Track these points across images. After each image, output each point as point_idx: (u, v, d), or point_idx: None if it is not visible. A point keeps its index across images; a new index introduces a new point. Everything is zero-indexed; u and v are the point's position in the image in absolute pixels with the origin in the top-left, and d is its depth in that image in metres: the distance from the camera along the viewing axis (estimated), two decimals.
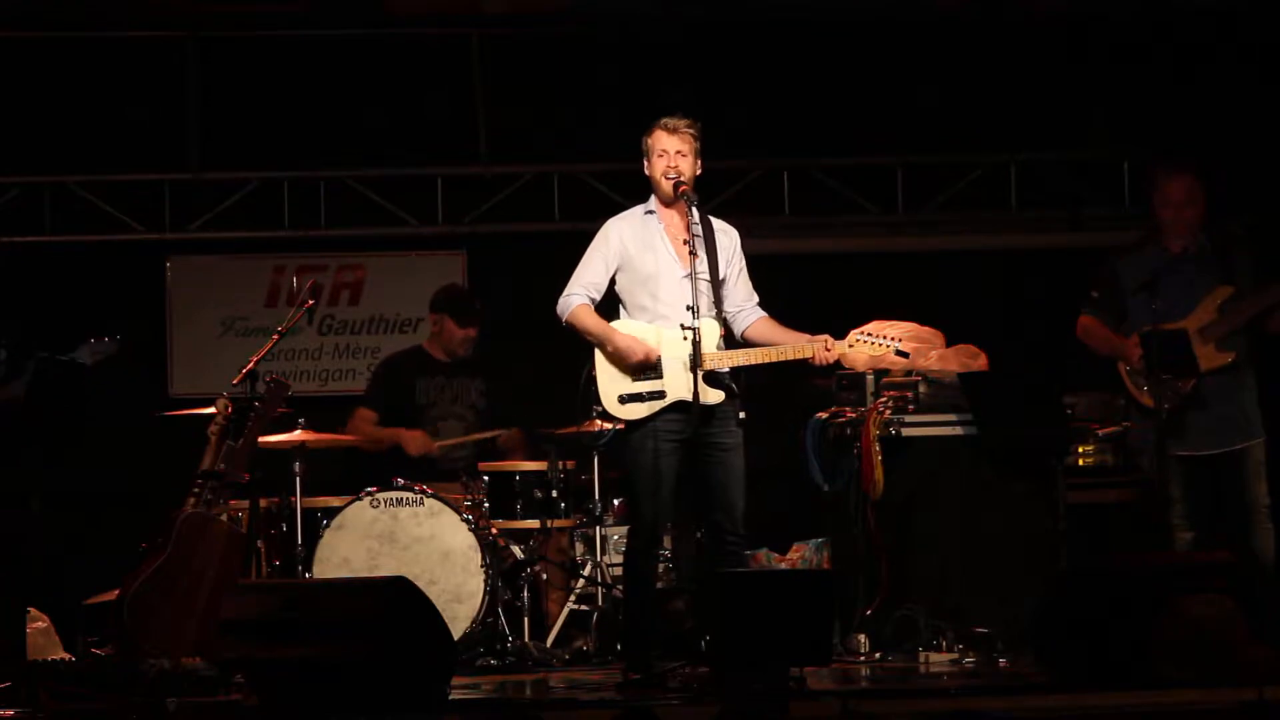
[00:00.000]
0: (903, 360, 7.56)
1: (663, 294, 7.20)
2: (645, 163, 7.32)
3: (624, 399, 7.16)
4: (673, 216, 7.29)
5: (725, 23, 10.11)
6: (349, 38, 10.13)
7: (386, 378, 9.12)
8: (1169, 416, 7.60)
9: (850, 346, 7.24)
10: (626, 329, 7.21)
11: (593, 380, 7.20)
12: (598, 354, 7.23)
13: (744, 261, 7.42)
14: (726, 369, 7.19)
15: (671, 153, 7.22)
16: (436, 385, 9.02)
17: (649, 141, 7.28)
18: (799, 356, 7.24)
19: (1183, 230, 7.78)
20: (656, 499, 7.13)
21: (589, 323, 7.22)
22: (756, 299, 7.43)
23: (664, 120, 7.27)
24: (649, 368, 7.14)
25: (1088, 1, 10.12)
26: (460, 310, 9.04)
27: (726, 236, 7.35)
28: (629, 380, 7.16)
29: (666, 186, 7.22)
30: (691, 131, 7.24)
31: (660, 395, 7.13)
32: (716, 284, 7.18)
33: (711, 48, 10.12)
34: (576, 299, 7.24)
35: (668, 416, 7.13)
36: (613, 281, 7.32)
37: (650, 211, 7.31)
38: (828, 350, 7.19)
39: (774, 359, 7.24)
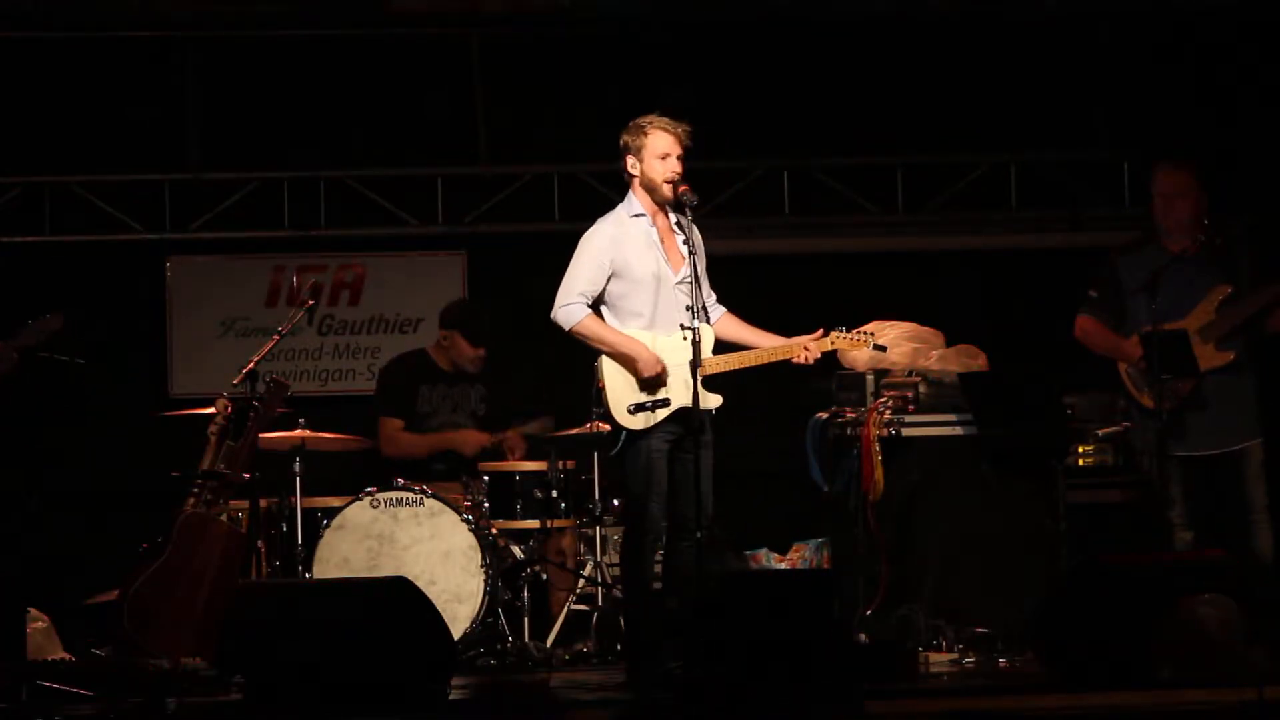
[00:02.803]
0: (881, 355, 7.60)
1: (660, 300, 7.16)
2: (631, 161, 7.21)
3: (632, 409, 7.13)
4: (660, 218, 7.24)
5: (725, 23, 10.11)
6: (349, 38, 10.12)
7: (397, 382, 9.09)
8: (1169, 416, 7.59)
9: (832, 344, 7.26)
10: (654, 342, 7.17)
11: (601, 389, 7.18)
12: (606, 362, 7.17)
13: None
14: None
15: (674, 156, 7.17)
16: (439, 393, 9.00)
17: (643, 140, 7.16)
18: (783, 357, 7.25)
19: (1178, 225, 7.76)
20: (661, 501, 7.14)
21: (605, 333, 7.15)
22: (714, 295, 7.40)
23: (662, 120, 7.17)
24: (657, 379, 7.13)
25: (1088, 1, 10.11)
26: (473, 330, 8.97)
27: (694, 232, 7.23)
28: (636, 390, 7.15)
29: (667, 190, 7.15)
30: (689, 132, 7.19)
31: (665, 404, 7.13)
32: (698, 287, 7.11)
33: (711, 48, 10.12)
34: (579, 308, 7.15)
35: (668, 422, 7.14)
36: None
37: (639, 214, 7.23)
38: (806, 350, 7.21)
39: (762, 361, 7.25)
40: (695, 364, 6.98)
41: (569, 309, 7.16)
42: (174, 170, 10.15)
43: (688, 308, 7.04)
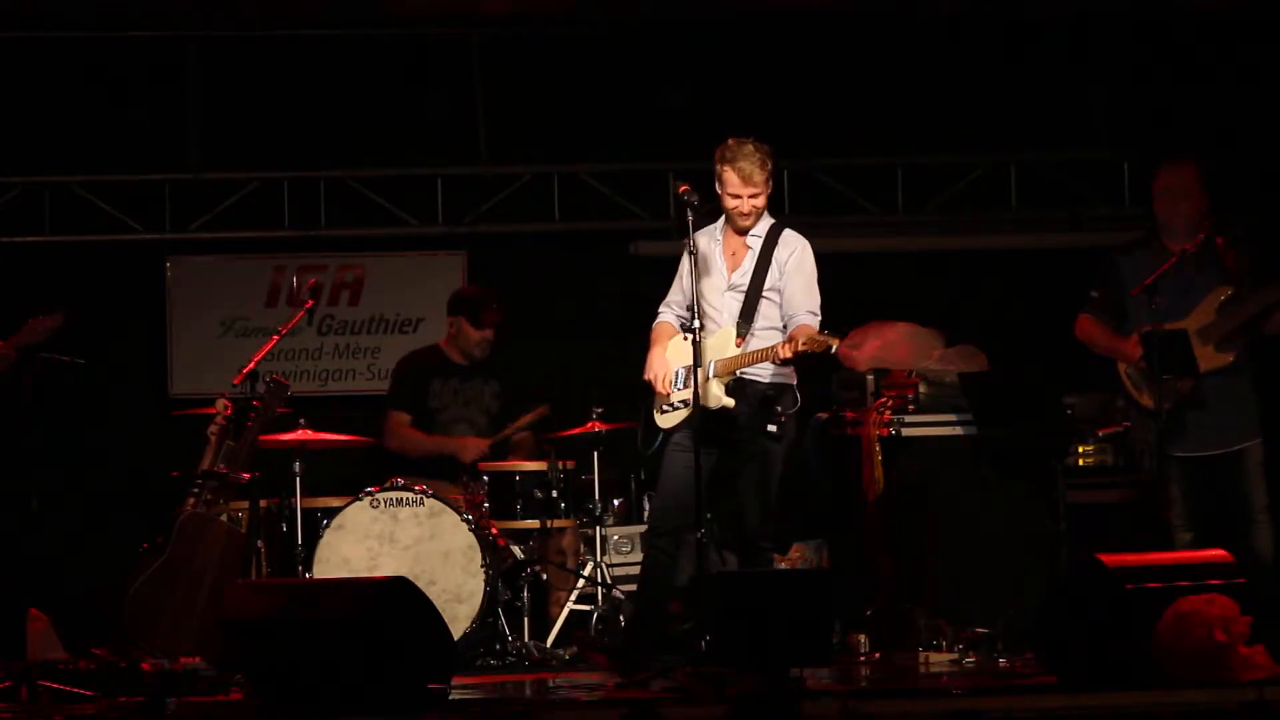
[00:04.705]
0: (881, 354, 7.66)
1: (708, 307, 7.33)
2: (716, 182, 7.38)
3: (663, 409, 7.38)
4: (731, 232, 7.43)
5: (725, 23, 10.11)
6: (349, 37, 10.12)
7: (409, 377, 9.10)
8: (1169, 417, 7.59)
9: (803, 347, 7.05)
10: (675, 344, 7.43)
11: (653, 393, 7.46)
12: None
13: (806, 271, 7.41)
14: (768, 378, 7.30)
15: (745, 197, 7.31)
16: (451, 389, 9.00)
17: (719, 171, 7.32)
18: (768, 360, 7.24)
19: (1180, 224, 7.75)
20: (670, 499, 7.26)
21: (650, 338, 7.49)
22: (810, 307, 7.38)
23: (742, 159, 7.26)
24: (683, 380, 7.29)
25: (1088, 1, 10.12)
26: (476, 312, 8.98)
27: (785, 249, 7.40)
28: (672, 391, 7.38)
29: (734, 219, 7.38)
30: (766, 173, 7.28)
31: (686, 404, 7.24)
32: (754, 295, 7.29)
33: (711, 48, 10.12)
34: (660, 315, 7.53)
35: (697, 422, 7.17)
36: None
37: (715, 226, 7.45)
38: (785, 347, 7.14)
39: (756, 361, 7.27)
40: (695, 365, 7.08)
41: (657, 318, 7.52)
42: (174, 170, 10.15)
43: (687, 308, 7.20)
